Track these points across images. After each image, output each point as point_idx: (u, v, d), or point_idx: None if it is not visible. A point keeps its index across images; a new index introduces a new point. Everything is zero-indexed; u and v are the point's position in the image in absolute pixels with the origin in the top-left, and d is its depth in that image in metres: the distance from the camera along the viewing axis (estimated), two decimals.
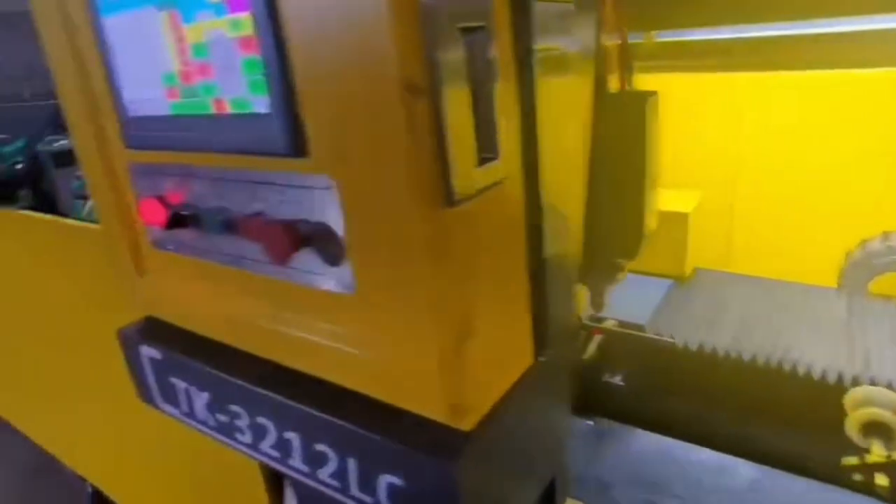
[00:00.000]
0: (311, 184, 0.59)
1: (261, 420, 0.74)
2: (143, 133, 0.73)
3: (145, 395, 0.93)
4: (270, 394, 0.70)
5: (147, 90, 0.70)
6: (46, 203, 1.77)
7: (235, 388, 0.75)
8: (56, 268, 1.22)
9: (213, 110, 0.63)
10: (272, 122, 0.58)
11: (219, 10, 0.57)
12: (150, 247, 0.83)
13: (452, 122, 0.51)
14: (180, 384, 0.85)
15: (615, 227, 0.96)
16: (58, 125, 1.77)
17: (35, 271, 1.30)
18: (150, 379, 0.90)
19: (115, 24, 0.69)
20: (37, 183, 1.77)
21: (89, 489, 2.54)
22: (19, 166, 3.15)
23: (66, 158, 1.76)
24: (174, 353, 0.83)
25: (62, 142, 1.84)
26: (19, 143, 3.37)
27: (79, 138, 0.84)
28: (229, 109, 0.62)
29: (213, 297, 0.77)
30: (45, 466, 2.74)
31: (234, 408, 0.77)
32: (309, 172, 0.58)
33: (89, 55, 0.75)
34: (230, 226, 0.68)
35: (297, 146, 0.57)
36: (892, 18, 0.95)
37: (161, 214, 0.75)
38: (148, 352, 0.87)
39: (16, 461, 2.89)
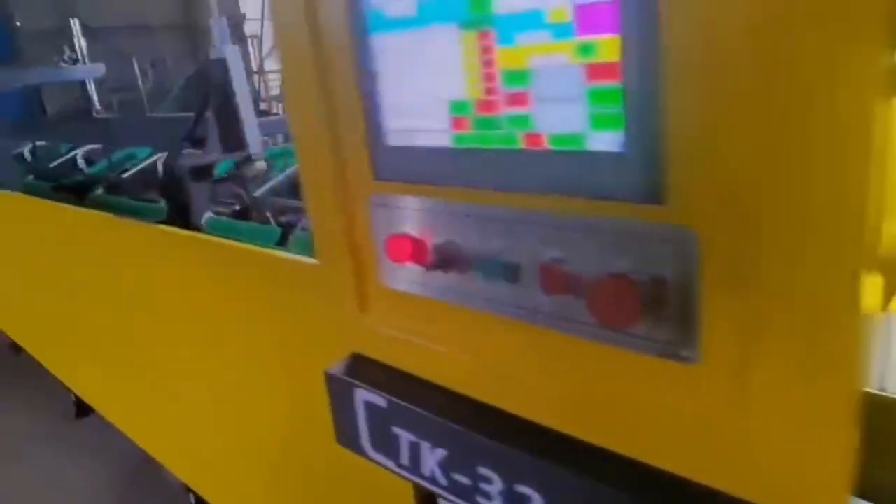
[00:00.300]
0: (659, 234, 0.49)
1: (523, 489, 0.66)
2: (404, 165, 0.66)
3: (349, 440, 0.86)
4: (553, 465, 0.61)
5: (421, 119, 0.63)
6: (181, 216, 1.76)
7: (492, 450, 0.67)
8: (226, 291, 1.18)
9: (521, 145, 0.55)
10: (623, 162, 0.49)
11: (561, 32, 0.49)
12: (382, 284, 0.76)
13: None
14: (405, 436, 0.77)
15: None
16: (195, 140, 1.75)
17: (209, 295, 1.25)
18: (363, 425, 0.83)
19: (388, 44, 0.62)
20: (173, 195, 1.76)
21: (192, 500, 2.54)
22: (126, 175, 3.23)
23: (202, 173, 1.75)
24: (405, 403, 0.76)
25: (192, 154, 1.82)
26: (119, 154, 3.46)
27: (308, 165, 0.78)
28: (547, 145, 0.54)
29: (470, 345, 0.69)
30: (144, 470, 2.76)
31: (484, 471, 0.69)
32: (659, 221, 0.49)
33: (342, 77, 0.69)
34: (515, 273, 0.60)
35: (653, 191, 0.48)
36: None
37: (417, 253, 0.67)
38: (367, 397, 0.80)
39: (116, 463, 2.93)
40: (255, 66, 11.36)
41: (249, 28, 11.99)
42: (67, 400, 3.16)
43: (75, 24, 2.89)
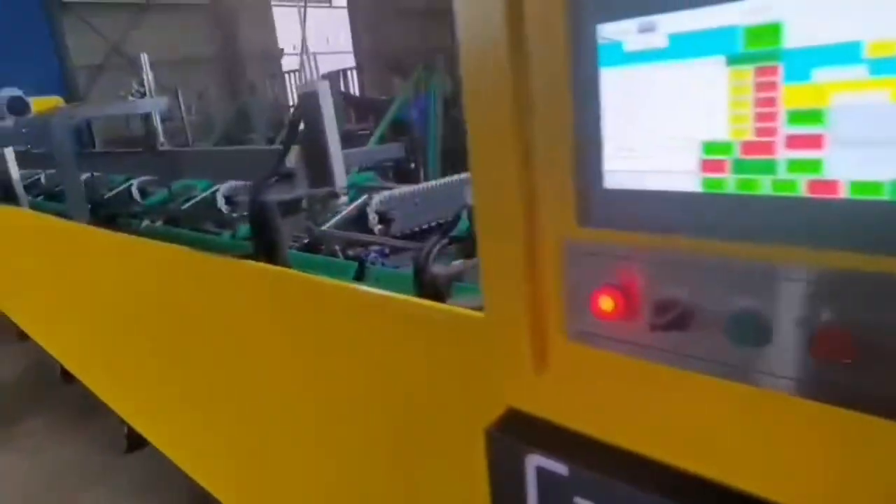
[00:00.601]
0: None
1: None
2: (623, 210, 0.60)
3: None
4: None
5: (656, 161, 0.57)
6: (266, 251, 1.72)
7: None
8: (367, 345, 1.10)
9: (803, 192, 0.49)
10: None
11: (884, 67, 0.43)
12: (573, 342, 0.68)
13: None
14: None
15: None
16: (283, 174, 1.73)
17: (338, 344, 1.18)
18: (532, 493, 0.75)
19: (621, 79, 0.57)
20: (260, 231, 1.72)
21: None
22: (185, 206, 3.23)
23: (290, 208, 1.72)
24: (596, 473, 0.68)
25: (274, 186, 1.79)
26: (171, 186, 3.47)
27: (487, 208, 0.72)
28: (843, 193, 0.47)
29: (693, 412, 0.61)
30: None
31: None
32: None
33: (547, 113, 0.63)
34: (772, 336, 0.53)
35: None
36: None
37: (632, 309, 0.61)
38: (542, 463, 0.73)
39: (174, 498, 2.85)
40: (291, 101, 11.61)
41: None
42: (119, 432, 3.12)
43: (145, 59, 2.93)
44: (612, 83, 0.57)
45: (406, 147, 2.99)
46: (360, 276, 2.04)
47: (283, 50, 12.43)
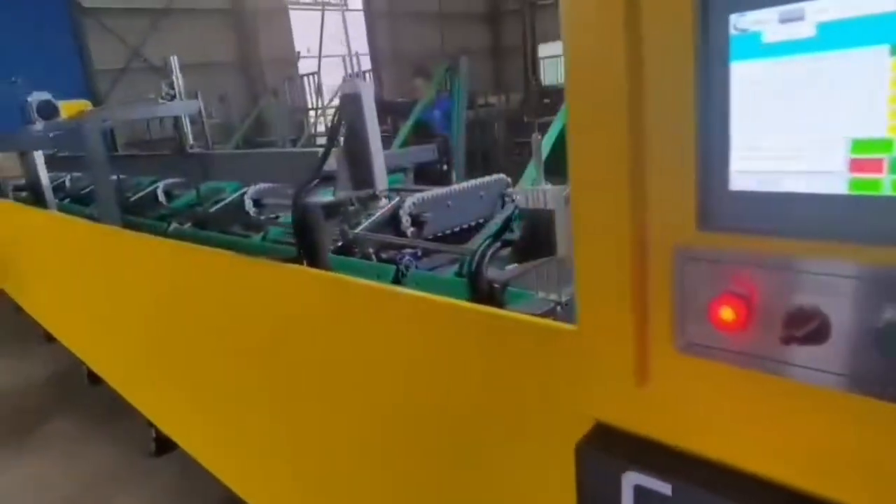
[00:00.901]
0: None
1: None
2: (753, 213, 0.56)
3: None
4: None
5: (793, 161, 0.52)
6: (308, 254, 1.69)
7: None
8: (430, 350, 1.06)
9: None
10: None
11: None
12: (685, 354, 0.64)
13: None
14: None
15: None
16: (323, 177, 1.69)
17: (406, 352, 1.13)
18: None
19: (758, 73, 0.53)
20: (303, 234, 1.69)
21: None
22: (213, 209, 3.22)
23: (331, 210, 1.69)
24: (711, 497, 0.63)
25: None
26: (199, 188, 3.47)
27: (588, 212, 0.68)
28: None
29: (829, 433, 0.57)
30: None
31: None
32: None
33: (666, 111, 0.59)
34: None
35: None
36: None
37: (761, 320, 0.56)
38: (641, 481, 0.68)
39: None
40: (309, 104, 11.63)
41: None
42: (147, 434, 3.10)
43: (174, 62, 2.91)
44: (745, 77, 0.53)
45: (439, 149, 2.96)
46: (397, 279, 2.01)
47: (299, 53, 12.45)
